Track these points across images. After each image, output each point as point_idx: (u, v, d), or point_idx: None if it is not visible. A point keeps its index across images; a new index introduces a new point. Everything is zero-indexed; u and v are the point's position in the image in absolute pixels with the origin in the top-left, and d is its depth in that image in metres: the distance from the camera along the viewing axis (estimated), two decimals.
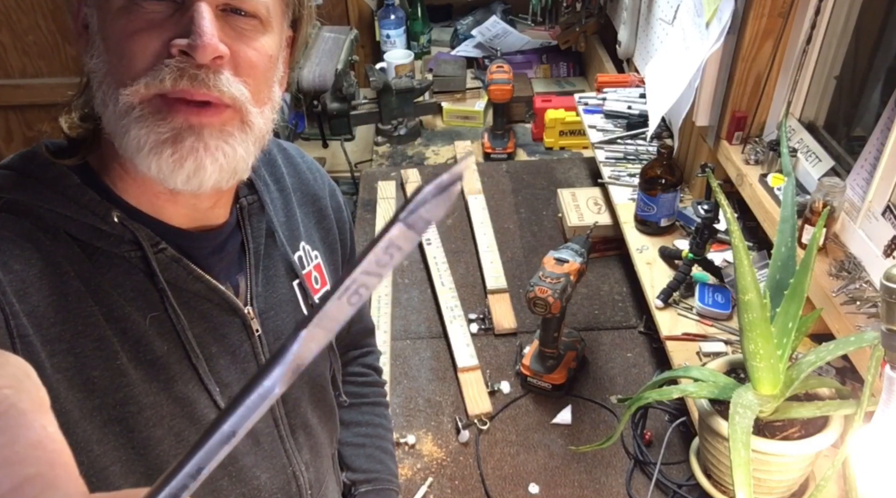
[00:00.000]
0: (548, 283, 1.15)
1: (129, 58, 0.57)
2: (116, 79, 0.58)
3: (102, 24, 0.59)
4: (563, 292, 1.15)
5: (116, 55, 0.58)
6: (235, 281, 0.72)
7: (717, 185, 0.92)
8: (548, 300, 1.14)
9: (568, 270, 1.18)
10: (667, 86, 1.44)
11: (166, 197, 0.65)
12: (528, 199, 1.79)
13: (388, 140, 2.09)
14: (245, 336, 0.71)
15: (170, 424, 0.66)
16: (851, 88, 1.22)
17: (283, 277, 0.77)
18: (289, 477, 0.78)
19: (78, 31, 0.61)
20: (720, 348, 1.20)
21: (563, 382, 1.27)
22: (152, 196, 0.64)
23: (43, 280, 0.58)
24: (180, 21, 0.57)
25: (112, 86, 0.59)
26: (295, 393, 0.78)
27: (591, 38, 2.28)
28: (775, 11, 1.21)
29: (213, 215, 0.69)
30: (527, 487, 1.13)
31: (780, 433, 0.92)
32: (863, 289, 0.99)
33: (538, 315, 1.17)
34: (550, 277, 1.16)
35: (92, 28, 0.60)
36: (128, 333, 0.62)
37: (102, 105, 0.60)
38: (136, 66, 0.57)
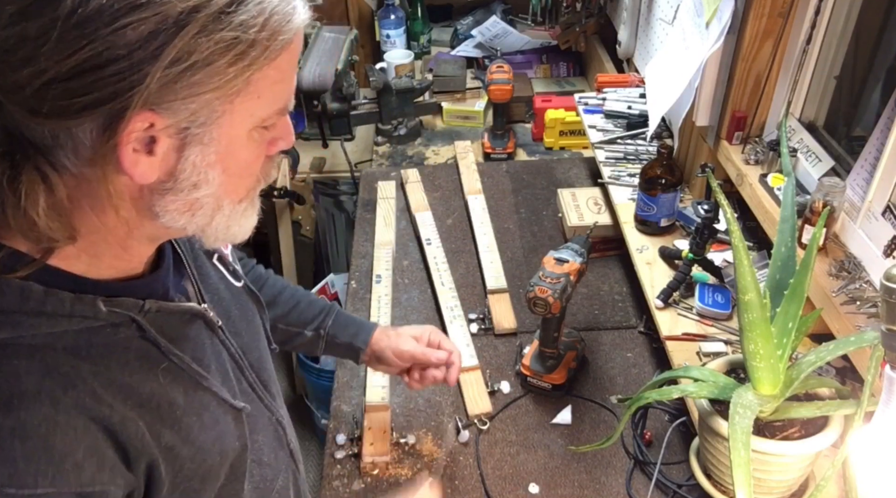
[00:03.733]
0: (548, 283, 1.15)
1: (252, 176, 0.65)
2: (236, 195, 0.64)
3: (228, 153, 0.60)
4: (563, 292, 1.14)
5: (240, 177, 0.63)
6: (184, 289, 0.74)
7: (717, 186, 0.92)
8: (548, 300, 1.13)
9: (568, 269, 1.17)
10: (667, 86, 1.44)
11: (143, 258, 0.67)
12: (528, 199, 1.79)
13: (388, 140, 2.09)
14: (211, 332, 0.76)
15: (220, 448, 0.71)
16: (851, 88, 1.22)
17: (206, 262, 0.82)
18: (275, 425, 0.85)
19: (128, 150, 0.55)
20: (720, 348, 1.20)
21: (563, 381, 1.27)
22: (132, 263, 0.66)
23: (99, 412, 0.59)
24: (276, 129, 0.65)
25: (229, 201, 0.64)
26: (255, 354, 0.83)
27: (591, 38, 2.28)
28: (775, 11, 1.21)
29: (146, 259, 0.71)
30: (527, 487, 1.13)
31: (780, 433, 0.92)
32: (863, 289, 0.99)
33: (538, 315, 1.17)
34: (550, 277, 1.16)
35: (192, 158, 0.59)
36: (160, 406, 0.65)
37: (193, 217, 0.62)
38: (253, 180, 0.66)
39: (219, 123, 0.58)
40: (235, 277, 0.86)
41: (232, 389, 0.76)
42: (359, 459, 1.17)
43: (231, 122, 0.59)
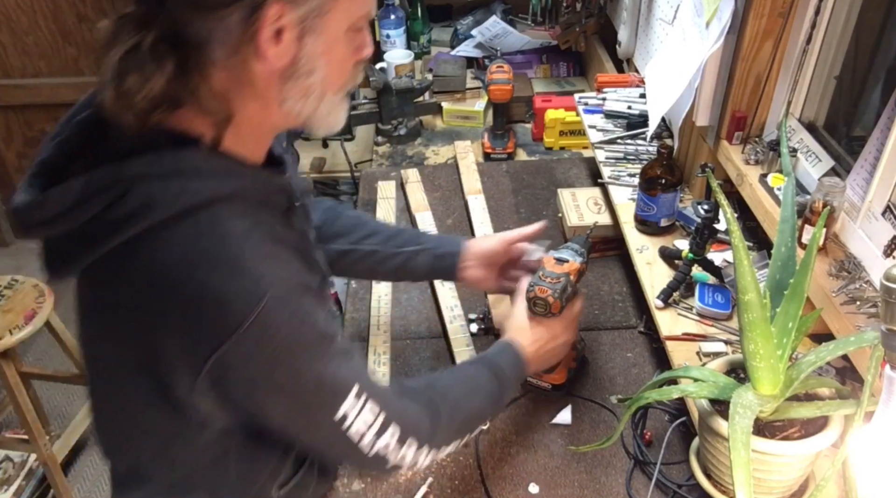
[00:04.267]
0: (548, 283, 1.14)
1: (347, 71, 0.81)
2: (336, 87, 0.81)
3: (331, 45, 0.76)
4: (563, 292, 1.14)
5: (339, 71, 0.80)
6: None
7: (717, 186, 0.92)
8: (548, 300, 1.13)
9: (568, 269, 1.17)
10: (667, 86, 1.44)
11: (266, 145, 0.85)
12: (528, 199, 1.79)
13: (388, 140, 2.09)
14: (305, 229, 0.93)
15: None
16: (851, 88, 1.22)
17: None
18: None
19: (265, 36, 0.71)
20: (720, 348, 1.20)
21: (562, 381, 1.27)
22: (260, 149, 0.84)
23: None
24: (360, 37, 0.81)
25: (332, 91, 0.80)
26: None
27: (591, 38, 2.28)
28: (775, 11, 1.21)
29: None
30: (527, 487, 1.13)
31: (780, 433, 0.92)
32: (863, 289, 0.99)
33: (538, 315, 1.17)
34: (550, 276, 1.15)
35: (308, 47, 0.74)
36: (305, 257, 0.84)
37: (307, 102, 0.78)
38: (346, 76, 0.82)
39: (327, 18, 0.74)
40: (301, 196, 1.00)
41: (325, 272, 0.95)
42: None
43: (336, 18, 0.75)
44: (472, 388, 1.01)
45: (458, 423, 0.97)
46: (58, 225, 0.72)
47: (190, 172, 0.73)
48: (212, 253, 0.71)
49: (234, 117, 0.76)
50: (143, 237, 0.71)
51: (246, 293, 0.71)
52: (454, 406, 0.97)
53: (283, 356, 0.75)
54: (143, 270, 0.72)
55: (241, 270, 0.71)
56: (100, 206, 0.70)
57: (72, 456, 2.39)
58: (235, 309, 0.71)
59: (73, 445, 2.25)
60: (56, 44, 3.00)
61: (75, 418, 2.27)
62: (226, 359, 0.72)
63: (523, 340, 1.12)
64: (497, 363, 1.07)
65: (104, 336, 0.79)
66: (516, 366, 1.09)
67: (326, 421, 0.81)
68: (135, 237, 0.71)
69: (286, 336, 0.74)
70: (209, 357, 0.71)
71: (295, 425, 0.83)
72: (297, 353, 0.76)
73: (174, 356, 0.73)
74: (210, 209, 0.73)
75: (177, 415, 0.78)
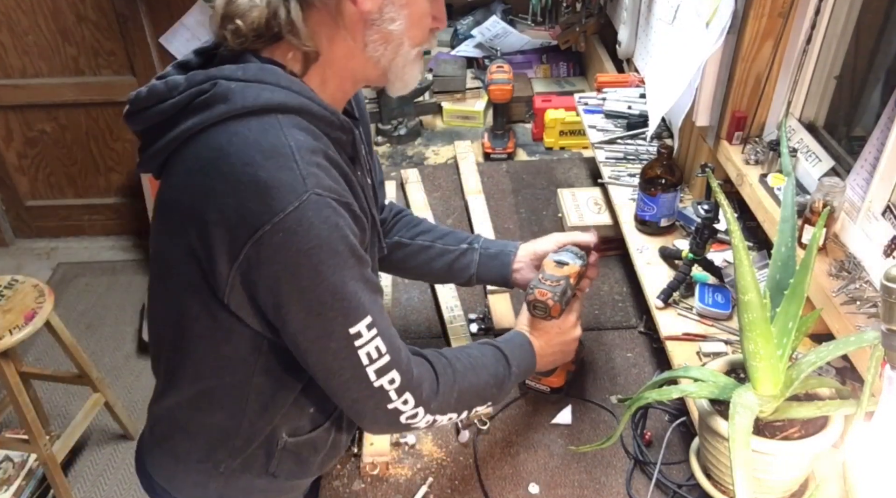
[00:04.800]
0: (548, 285, 1.13)
1: (424, 29, 0.93)
2: (413, 40, 0.91)
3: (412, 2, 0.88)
4: (563, 295, 1.13)
5: (417, 26, 0.90)
6: None
7: (717, 185, 0.92)
8: (547, 303, 1.12)
9: (568, 272, 1.16)
10: (667, 86, 1.44)
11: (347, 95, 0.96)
12: (528, 199, 1.79)
13: (388, 140, 2.09)
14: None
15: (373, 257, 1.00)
16: (851, 88, 1.22)
17: None
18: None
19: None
20: (720, 348, 1.20)
21: (561, 384, 1.27)
22: (340, 96, 0.95)
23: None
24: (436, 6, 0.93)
25: (409, 42, 0.91)
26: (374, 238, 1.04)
27: (591, 38, 2.28)
28: (775, 11, 1.21)
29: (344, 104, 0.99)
30: (527, 487, 1.13)
31: (780, 433, 0.92)
32: (863, 289, 0.99)
33: (537, 318, 1.16)
34: (550, 279, 1.14)
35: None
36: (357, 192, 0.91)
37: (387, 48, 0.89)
38: (424, 34, 0.93)
39: None
40: (369, 175, 1.06)
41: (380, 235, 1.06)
42: (359, 459, 1.17)
43: None
44: (478, 365, 1.03)
45: (459, 394, 0.99)
46: (156, 111, 0.85)
47: (269, 82, 0.83)
48: (269, 146, 0.80)
49: (321, 56, 0.87)
50: (216, 127, 0.81)
51: (291, 185, 0.79)
52: (457, 377, 0.99)
53: (310, 254, 0.80)
54: (209, 155, 0.81)
55: (291, 167, 0.79)
56: (190, 97, 0.82)
57: (72, 456, 2.40)
58: (279, 196, 0.78)
59: (73, 445, 2.25)
60: (56, 44, 3.00)
61: (75, 418, 2.27)
62: (260, 247, 0.79)
63: (535, 334, 1.14)
64: (507, 348, 1.08)
65: (166, 227, 0.89)
66: (525, 356, 1.11)
67: (340, 331, 0.85)
68: (209, 127, 0.81)
69: (317, 236, 0.80)
70: (246, 241, 0.79)
71: (309, 333, 0.85)
72: (323, 256, 0.81)
73: (218, 239, 0.81)
74: (277, 114, 0.82)
75: (211, 313, 0.87)
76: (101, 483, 2.39)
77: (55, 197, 3.42)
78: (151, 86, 0.86)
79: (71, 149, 3.26)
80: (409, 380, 0.91)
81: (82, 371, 2.24)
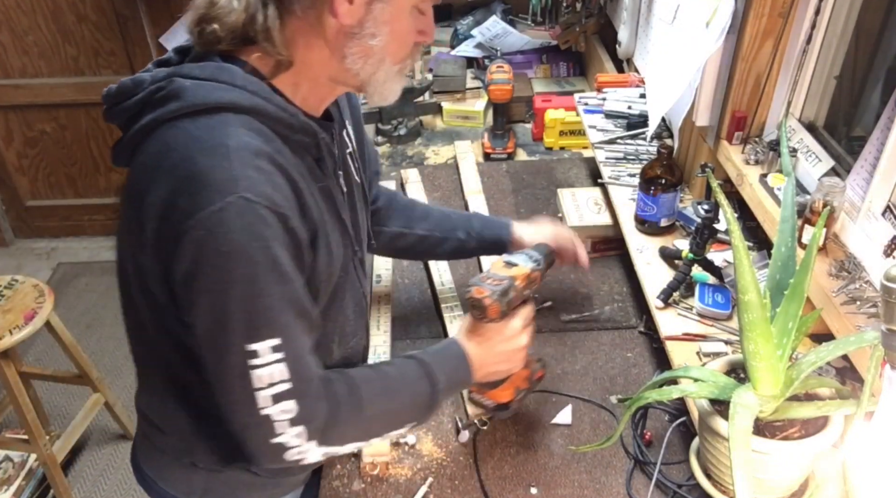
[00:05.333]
0: (487, 283, 1.02)
1: (407, 47, 0.91)
2: (394, 57, 0.90)
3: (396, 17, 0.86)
4: (504, 295, 1.02)
5: (399, 44, 0.89)
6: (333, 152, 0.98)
7: (717, 185, 0.92)
8: (483, 302, 1.01)
9: (514, 273, 1.06)
10: (667, 86, 1.44)
11: (323, 100, 0.95)
12: (528, 199, 1.79)
13: (388, 140, 2.09)
14: (339, 193, 0.99)
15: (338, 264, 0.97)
16: (851, 88, 1.22)
17: (345, 150, 1.05)
18: (359, 296, 1.08)
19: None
20: (720, 348, 1.20)
21: (509, 400, 1.14)
22: (316, 102, 0.94)
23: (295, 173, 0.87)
24: (423, 22, 0.91)
25: (390, 60, 0.90)
26: (358, 236, 1.05)
27: (591, 38, 2.28)
28: (775, 11, 1.21)
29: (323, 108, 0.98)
30: (527, 488, 1.13)
31: (780, 433, 0.92)
32: (863, 289, 0.99)
33: (476, 319, 1.04)
34: (493, 278, 1.04)
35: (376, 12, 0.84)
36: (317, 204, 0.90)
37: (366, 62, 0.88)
38: (406, 51, 0.92)
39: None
40: (358, 175, 1.08)
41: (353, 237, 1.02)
42: (359, 458, 1.17)
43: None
44: (394, 387, 0.97)
45: (363, 422, 0.93)
46: (123, 107, 0.86)
47: (223, 81, 0.83)
48: (209, 144, 0.79)
49: (297, 63, 0.87)
50: (169, 123, 0.82)
51: (221, 184, 0.77)
52: (363, 405, 0.92)
53: (224, 258, 0.78)
54: (157, 150, 0.82)
55: (224, 166, 0.78)
56: (150, 94, 0.83)
57: (72, 456, 2.40)
58: (207, 194, 0.77)
59: (73, 445, 2.25)
60: (56, 44, 3.00)
61: (75, 418, 2.27)
62: (180, 242, 0.78)
63: (472, 343, 1.05)
64: (435, 361, 1.01)
65: (122, 218, 0.89)
66: (457, 368, 1.02)
67: (237, 347, 0.80)
68: (163, 123, 0.82)
69: (234, 241, 0.77)
70: (170, 235, 0.79)
71: (209, 341, 0.82)
72: (237, 263, 0.78)
73: (149, 230, 0.81)
74: (227, 113, 0.82)
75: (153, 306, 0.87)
76: (101, 483, 2.39)
77: (55, 197, 3.42)
78: (121, 83, 0.86)
79: (71, 149, 3.26)
80: (307, 412, 0.85)
81: (82, 371, 2.24)
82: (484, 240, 1.30)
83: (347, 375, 0.94)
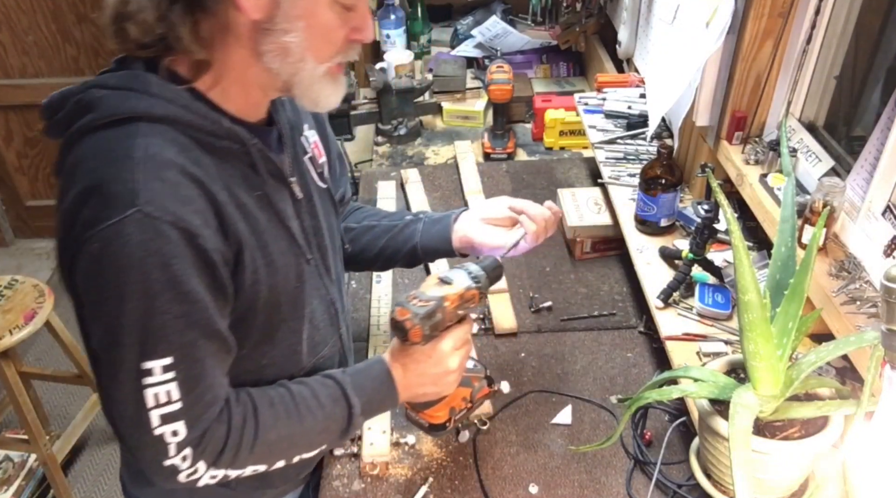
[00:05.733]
0: (413, 304, 0.94)
1: (332, 44, 0.85)
2: (317, 55, 0.84)
3: (311, 11, 0.81)
4: (428, 318, 0.94)
5: (321, 40, 0.83)
6: (281, 159, 0.95)
7: (717, 185, 0.92)
8: (405, 325, 0.93)
9: (446, 293, 0.96)
10: (667, 86, 1.44)
11: (256, 104, 0.91)
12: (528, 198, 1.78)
13: (388, 140, 2.09)
14: (292, 200, 0.97)
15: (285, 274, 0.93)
16: (851, 88, 1.22)
17: (300, 155, 1.02)
18: (328, 303, 1.06)
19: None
20: (720, 348, 1.20)
21: (443, 421, 1.05)
22: (248, 105, 0.89)
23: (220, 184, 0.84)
24: (356, 18, 0.85)
25: (313, 58, 0.84)
26: (323, 241, 1.03)
27: (591, 38, 2.28)
28: (775, 11, 1.21)
29: (263, 112, 0.94)
30: (527, 488, 1.13)
31: (780, 433, 0.92)
32: (863, 289, 0.99)
33: (400, 340, 0.98)
34: (420, 298, 0.95)
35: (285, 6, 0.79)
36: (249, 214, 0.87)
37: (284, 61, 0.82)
38: (333, 49, 0.85)
39: None
40: (321, 179, 1.05)
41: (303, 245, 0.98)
42: (359, 459, 1.17)
43: None
44: (305, 409, 0.93)
45: (264, 445, 0.90)
46: (55, 121, 0.83)
47: (137, 89, 0.80)
48: (116, 156, 0.77)
49: (214, 64, 0.82)
50: (85, 136, 0.80)
51: (121, 197, 0.75)
52: (259, 430, 0.89)
53: (120, 272, 0.76)
54: (72, 162, 0.81)
55: (126, 179, 0.76)
56: (72, 107, 0.81)
57: (72, 456, 2.40)
58: (107, 206, 0.75)
59: (73, 445, 2.26)
60: (56, 44, 3.00)
61: (75, 418, 2.27)
62: (79, 253, 0.77)
63: (397, 364, 1.00)
64: (354, 382, 0.97)
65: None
66: (379, 389, 0.99)
67: (129, 363, 0.78)
68: (81, 135, 0.80)
69: (130, 255, 0.75)
70: (71, 246, 0.78)
71: (103, 356, 0.81)
72: (132, 279, 0.76)
73: (59, 240, 0.81)
74: (137, 123, 0.79)
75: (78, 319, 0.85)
76: (101, 483, 2.39)
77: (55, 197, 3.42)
78: (50, 97, 0.84)
79: None
80: (196, 435, 0.83)
81: (82, 371, 2.24)
82: (431, 218, 1.21)
83: (252, 398, 0.91)
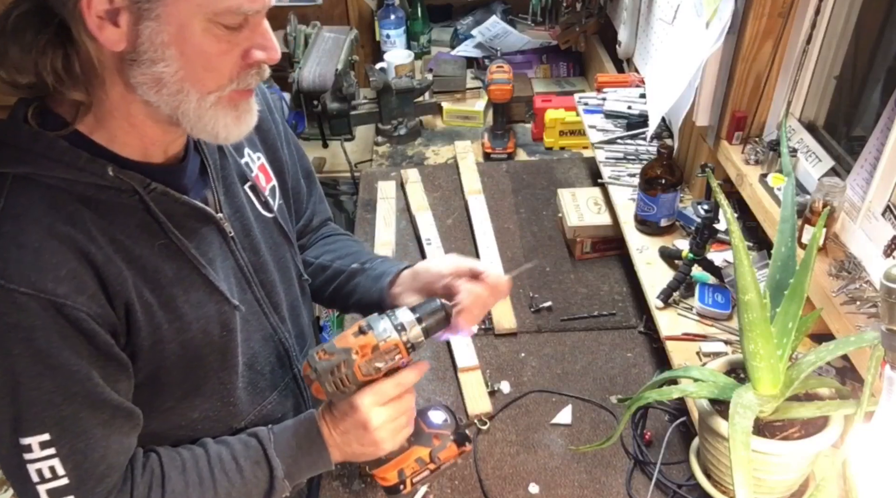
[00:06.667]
0: (317, 358, 0.85)
1: (217, 71, 0.74)
2: (200, 85, 0.74)
3: (181, 37, 0.71)
4: (330, 374, 0.85)
5: (202, 68, 0.73)
6: (203, 195, 0.88)
7: (717, 185, 0.92)
8: (308, 379, 0.87)
9: (357, 344, 0.85)
10: (667, 86, 1.44)
11: (155, 141, 0.80)
12: (528, 199, 1.79)
13: (388, 140, 2.09)
14: (222, 239, 0.89)
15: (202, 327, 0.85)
16: (851, 88, 1.22)
17: (237, 185, 0.93)
18: (276, 344, 0.99)
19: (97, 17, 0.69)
20: (720, 348, 1.20)
21: (391, 484, 0.94)
22: (145, 143, 0.79)
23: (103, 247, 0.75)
24: (250, 37, 0.74)
25: (195, 89, 0.74)
26: (270, 276, 0.96)
27: (591, 38, 2.28)
28: (775, 11, 1.21)
29: (177, 146, 0.85)
30: (527, 488, 1.13)
31: (780, 433, 0.92)
32: (863, 289, 0.99)
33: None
34: (327, 350, 0.86)
35: (147, 33, 0.70)
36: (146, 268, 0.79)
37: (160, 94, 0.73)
38: (220, 76, 0.75)
39: (167, 4, 0.69)
40: (266, 209, 0.98)
41: (231, 288, 0.89)
42: None
43: (181, 7, 0.69)
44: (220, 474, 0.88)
45: None
46: None
47: (6, 142, 0.74)
48: None
49: (94, 103, 0.75)
50: None
51: None
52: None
53: None
54: None
55: None
56: None
57: None
58: None
59: None
60: None
61: None
62: None
63: (325, 420, 0.92)
64: (279, 442, 0.91)
65: None
66: (309, 453, 0.91)
67: (6, 439, 0.75)
68: None
69: None
70: None
71: None
72: None
73: None
74: (8, 179, 0.73)
75: None
76: None
77: None
78: None
79: None
80: None
81: None
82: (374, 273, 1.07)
83: (162, 465, 0.86)
